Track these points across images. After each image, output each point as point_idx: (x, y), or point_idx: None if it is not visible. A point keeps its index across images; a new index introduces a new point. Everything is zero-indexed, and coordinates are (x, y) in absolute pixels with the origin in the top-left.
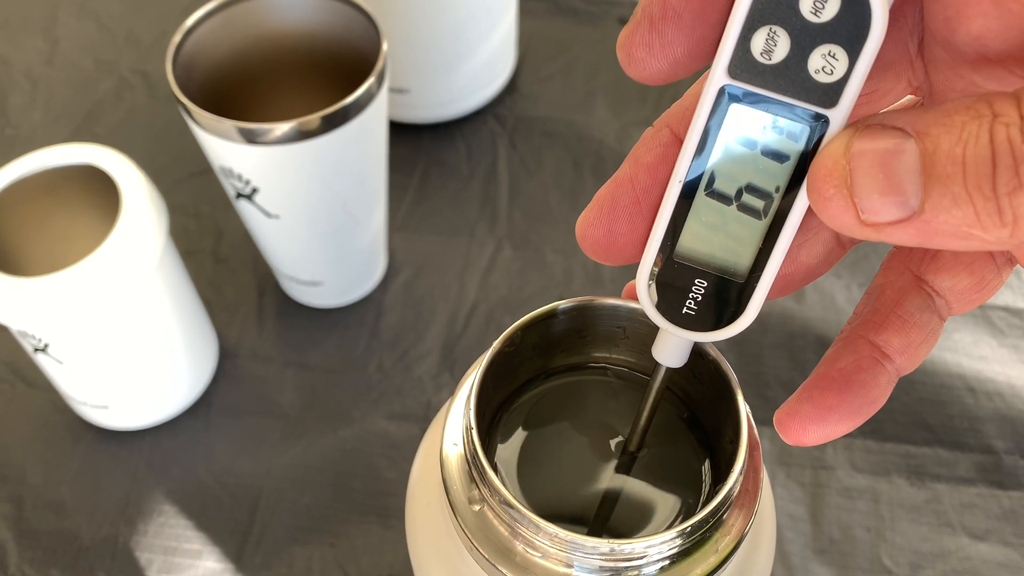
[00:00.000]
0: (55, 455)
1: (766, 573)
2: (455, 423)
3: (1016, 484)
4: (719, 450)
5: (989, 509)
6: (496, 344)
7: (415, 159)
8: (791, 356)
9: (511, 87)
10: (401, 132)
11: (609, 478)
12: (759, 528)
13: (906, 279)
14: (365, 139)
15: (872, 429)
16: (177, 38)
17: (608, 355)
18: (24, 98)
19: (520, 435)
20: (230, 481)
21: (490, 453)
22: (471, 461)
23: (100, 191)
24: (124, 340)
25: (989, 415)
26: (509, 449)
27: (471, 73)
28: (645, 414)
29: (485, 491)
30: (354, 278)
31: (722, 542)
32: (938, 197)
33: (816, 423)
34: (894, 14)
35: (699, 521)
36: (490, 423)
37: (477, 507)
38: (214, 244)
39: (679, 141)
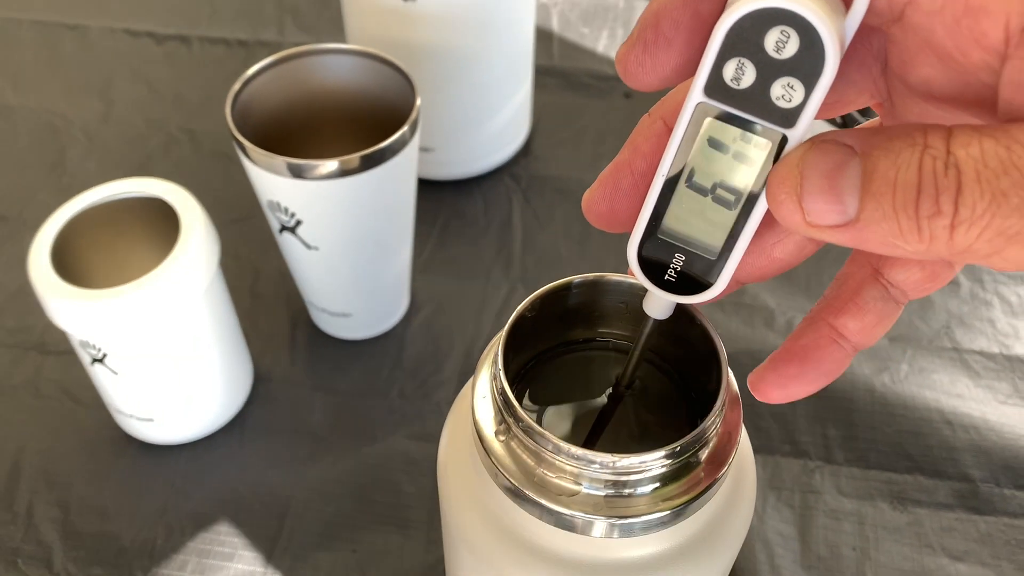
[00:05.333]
0: (100, 466)
1: (747, 517)
2: (483, 382)
3: (991, 510)
4: (707, 405)
5: (967, 532)
6: (519, 308)
7: (437, 211)
8: None
9: (525, 150)
10: (426, 187)
11: (610, 427)
12: (740, 475)
13: (866, 271)
14: (397, 179)
15: (857, 457)
16: (236, 87)
17: (611, 330)
18: (81, 151)
19: (533, 394)
20: (261, 491)
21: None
22: (499, 396)
23: (158, 223)
24: (172, 356)
25: (966, 446)
26: (524, 405)
27: (490, 136)
28: (636, 355)
29: (510, 420)
30: (381, 312)
31: (706, 470)
32: (871, 210)
33: (778, 388)
34: (862, 39)
35: (686, 443)
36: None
37: (503, 438)
38: (252, 282)
39: (670, 132)
